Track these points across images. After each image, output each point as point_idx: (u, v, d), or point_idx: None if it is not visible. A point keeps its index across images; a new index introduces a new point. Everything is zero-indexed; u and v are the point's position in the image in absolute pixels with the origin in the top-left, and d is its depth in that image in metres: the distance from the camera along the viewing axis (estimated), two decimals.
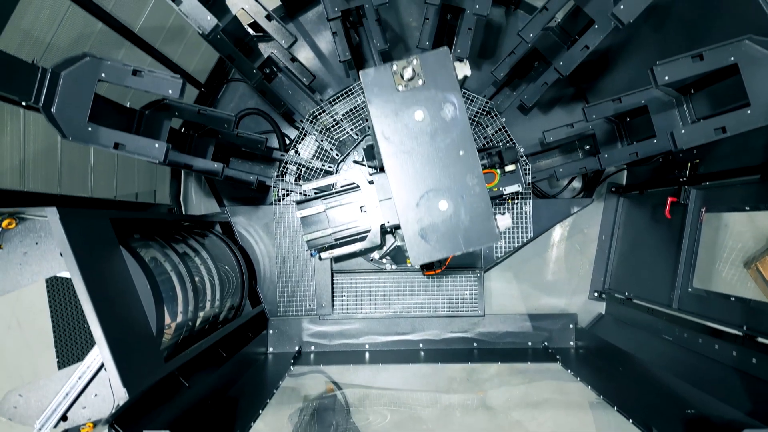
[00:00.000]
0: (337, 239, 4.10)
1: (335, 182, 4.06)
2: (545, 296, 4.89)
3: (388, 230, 3.82)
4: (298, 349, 4.72)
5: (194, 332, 3.45)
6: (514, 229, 4.60)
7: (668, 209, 3.78)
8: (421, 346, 4.75)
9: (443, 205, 1.82)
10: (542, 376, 4.69)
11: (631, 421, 3.04)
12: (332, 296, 4.70)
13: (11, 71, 2.23)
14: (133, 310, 2.56)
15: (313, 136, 4.67)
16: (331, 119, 4.69)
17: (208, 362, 3.59)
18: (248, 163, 4.77)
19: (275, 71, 4.66)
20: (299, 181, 4.70)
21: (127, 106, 3.05)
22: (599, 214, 4.88)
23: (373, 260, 4.79)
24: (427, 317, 4.74)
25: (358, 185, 3.68)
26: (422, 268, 4.35)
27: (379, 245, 3.79)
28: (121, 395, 2.30)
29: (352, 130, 4.66)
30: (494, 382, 4.81)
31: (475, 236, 1.85)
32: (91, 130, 2.49)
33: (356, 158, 4.69)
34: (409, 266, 4.81)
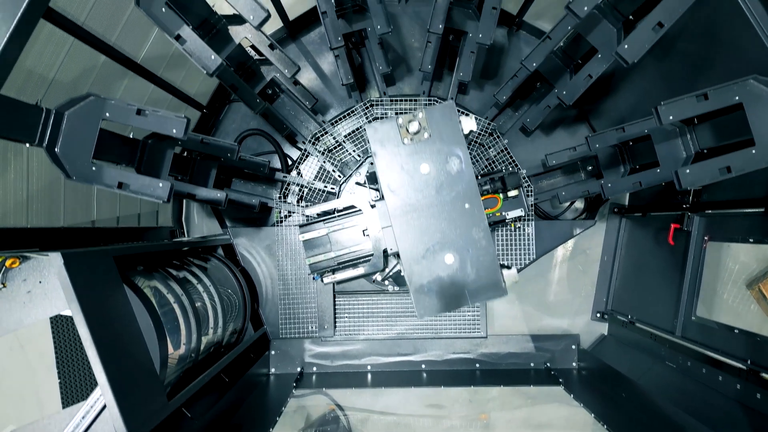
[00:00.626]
0: (339, 262, 4.11)
1: (338, 206, 4.08)
2: (548, 317, 4.89)
3: (390, 255, 3.82)
4: (300, 370, 4.72)
5: (197, 361, 3.44)
6: (516, 250, 4.59)
7: (671, 236, 3.77)
8: (423, 367, 4.74)
9: (449, 258, 1.82)
10: (545, 398, 4.68)
11: None
12: (334, 318, 4.69)
13: (15, 115, 2.22)
14: (136, 350, 2.55)
15: (315, 157, 4.67)
16: (333, 140, 4.69)
17: (210, 389, 3.59)
18: (250, 183, 4.76)
19: (278, 92, 4.66)
20: (301, 202, 4.70)
21: (130, 136, 3.05)
22: (601, 234, 4.88)
23: (375, 281, 4.79)
24: (429, 338, 4.74)
25: (360, 209, 3.69)
26: None
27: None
28: None
29: (354, 151, 4.66)
30: (497, 403, 4.81)
31: (481, 290, 1.85)
32: (95, 169, 2.49)
33: (359, 180, 4.68)
34: None
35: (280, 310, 4.66)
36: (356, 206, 4.05)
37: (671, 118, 2.50)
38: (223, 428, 3.33)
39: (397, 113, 4.68)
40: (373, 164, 4.79)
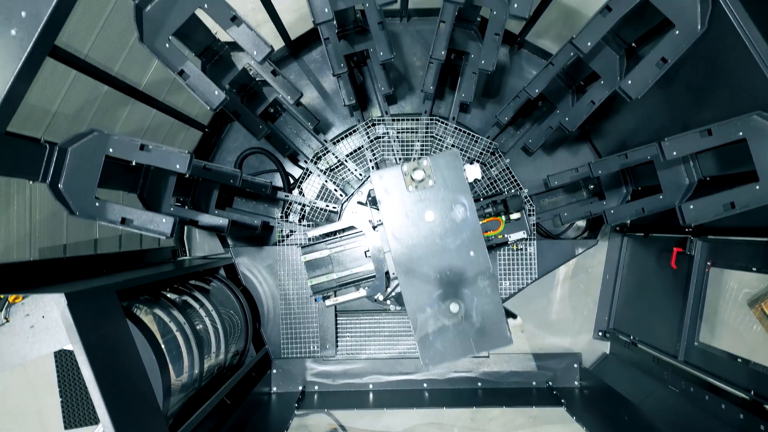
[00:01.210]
0: (341, 283, 4.10)
1: (339, 228, 4.07)
2: (549, 336, 4.88)
3: (393, 277, 3.81)
4: (301, 389, 4.71)
5: (200, 387, 3.44)
6: (518, 270, 4.59)
7: (674, 260, 3.77)
8: (425, 386, 4.74)
9: (454, 307, 1.82)
10: (547, 419, 4.68)
11: None
12: (336, 337, 4.69)
13: (19, 154, 2.22)
14: (139, 384, 2.55)
15: (317, 175, 4.66)
16: (335, 159, 4.69)
17: (213, 412, 3.58)
18: (252, 202, 4.76)
19: (280, 111, 4.66)
20: (303, 221, 4.70)
21: (132, 164, 3.05)
22: (603, 253, 4.88)
23: (377, 301, 4.78)
24: None
25: (362, 231, 3.69)
26: None
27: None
28: None
29: (356, 170, 4.66)
30: (499, 422, 4.81)
31: (486, 339, 1.85)
32: (98, 205, 2.48)
33: (361, 199, 4.68)
34: None
35: (281, 329, 4.65)
36: (358, 228, 4.06)
37: (675, 153, 2.50)
38: None
39: (398, 132, 4.68)
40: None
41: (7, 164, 2.16)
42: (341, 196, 4.67)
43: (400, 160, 4.67)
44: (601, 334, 4.82)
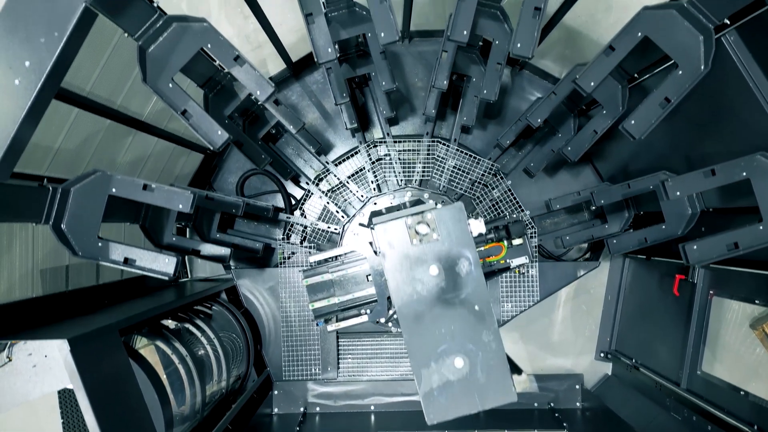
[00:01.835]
0: (343, 307, 4.10)
1: (341, 253, 4.07)
2: (551, 356, 4.88)
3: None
4: (303, 410, 4.71)
5: (203, 417, 3.44)
6: (520, 292, 4.58)
7: (676, 287, 3.77)
8: None
9: (459, 362, 1.82)
10: None
11: None
12: (337, 359, 4.68)
13: (22, 201, 2.22)
14: (141, 422, 2.54)
15: (318, 197, 4.66)
16: (336, 180, 4.69)
17: None
18: (253, 223, 4.76)
19: (281, 132, 4.67)
20: (305, 242, 4.69)
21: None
22: (605, 273, 4.87)
23: (378, 322, 4.77)
24: None
25: (364, 256, 3.69)
26: None
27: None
28: None
29: (357, 192, 4.66)
30: None
31: (491, 395, 1.84)
32: (101, 245, 2.48)
33: (362, 221, 4.67)
34: None
35: (283, 351, 4.65)
36: (359, 253, 4.06)
37: (678, 194, 2.49)
38: None
39: (400, 152, 4.68)
40: (376, 204, 4.82)
41: (11, 211, 2.16)
42: (343, 217, 4.67)
43: (402, 182, 4.67)
44: (603, 355, 4.81)
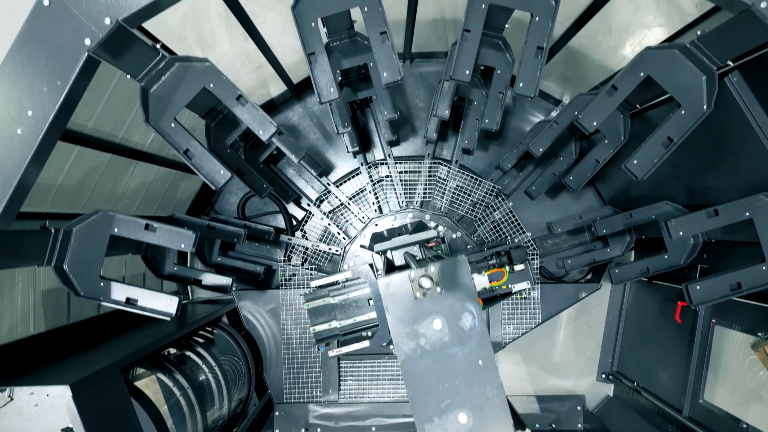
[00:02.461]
0: (344, 332, 4.09)
1: (342, 279, 4.06)
2: (553, 378, 4.87)
3: None
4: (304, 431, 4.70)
5: None
6: (522, 315, 4.58)
7: (678, 314, 3.76)
8: None
9: (462, 418, 1.81)
10: None
11: None
12: (339, 382, 4.68)
13: (24, 246, 2.22)
14: None
15: (320, 218, 4.66)
16: (337, 201, 4.69)
17: None
18: (255, 244, 4.76)
19: (283, 153, 4.65)
20: (306, 264, 4.68)
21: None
22: (607, 294, 4.86)
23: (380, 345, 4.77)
24: None
25: (365, 281, 3.69)
26: None
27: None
28: None
29: (359, 213, 4.65)
30: None
31: None
32: (102, 285, 2.48)
33: (363, 242, 4.67)
34: None
35: (284, 373, 4.64)
36: (360, 277, 4.05)
37: (681, 234, 2.49)
38: None
39: (401, 174, 4.67)
40: (377, 225, 4.81)
41: (14, 258, 2.16)
42: (344, 239, 4.66)
43: (403, 203, 4.67)
44: (604, 376, 4.81)
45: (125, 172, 3.26)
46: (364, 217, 4.67)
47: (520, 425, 2.03)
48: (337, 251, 4.64)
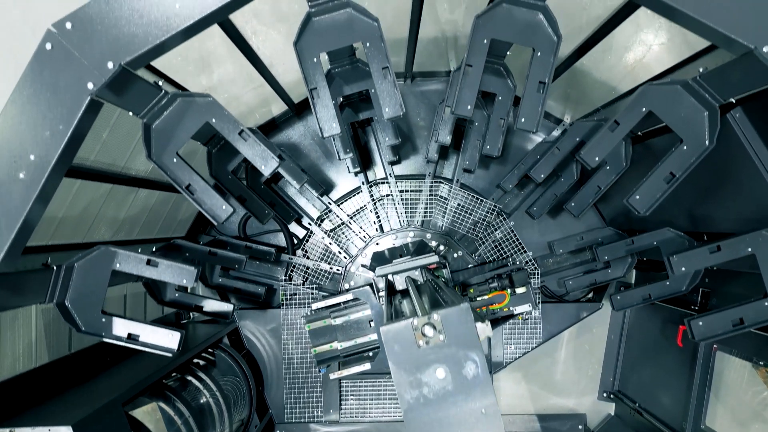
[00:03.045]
0: (346, 353, 4.09)
1: (344, 300, 4.07)
2: (554, 396, 4.87)
3: None
4: None
5: None
6: (523, 334, 4.57)
7: (680, 337, 3.76)
8: None
9: None
10: None
11: None
12: (340, 401, 4.67)
13: (27, 285, 2.22)
14: None
15: (321, 237, 4.65)
16: (339, 219, 4.69)
17: None
18: (256, 262, 4.75)
19: None
20: (307, 283, 4.68)
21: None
22: (608, 313, 4.86)
23: None
24: None
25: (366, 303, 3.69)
26: None
27: None
28: None
29: (359, 232, 4.65)
30: None
31: None
32: (104, 321, 2.47)
33: (364, 261, 4.67)
34: None
35: (285, 394, 4.63)
36: (361, 299, 4.05)
37: (684, 269, 2.49)
38: None
39: (402, 192, 4.67)
40: (378, 244, 4.81)
41: (17, 298, 2.16)
42: (345, 257, 4.66)
43: (404, 222, 4.67)
44: (606, 394, 4.80)
45: (126, 199, 3.25)
46: (365, 235, 4.67)
47: None
48: (338, 270, 4.64)
